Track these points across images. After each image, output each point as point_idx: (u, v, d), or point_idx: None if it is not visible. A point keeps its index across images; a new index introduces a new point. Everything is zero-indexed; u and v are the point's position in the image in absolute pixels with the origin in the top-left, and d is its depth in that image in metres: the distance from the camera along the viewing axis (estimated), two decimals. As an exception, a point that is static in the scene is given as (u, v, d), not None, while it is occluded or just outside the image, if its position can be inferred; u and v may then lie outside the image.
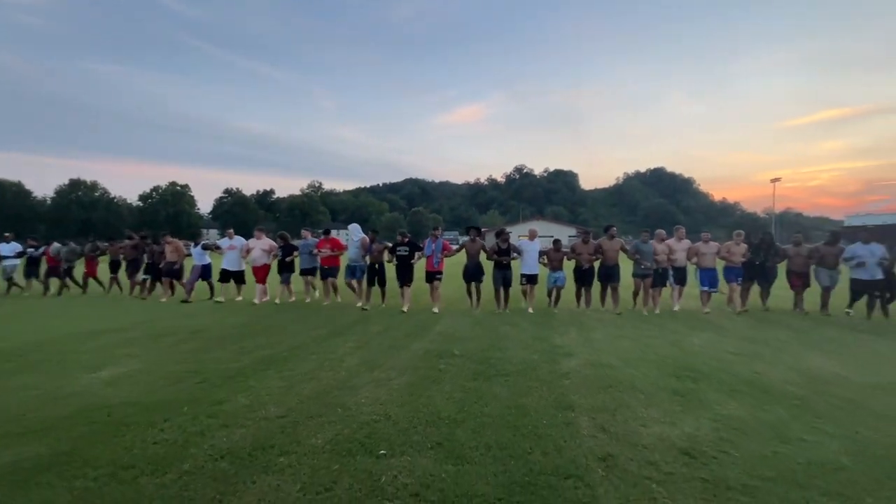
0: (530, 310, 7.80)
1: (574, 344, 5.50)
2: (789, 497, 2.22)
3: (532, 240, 8.15)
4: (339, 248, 8.83)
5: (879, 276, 7.37)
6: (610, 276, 7.99)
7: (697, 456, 2.64)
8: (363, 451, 2.69)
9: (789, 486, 2.31)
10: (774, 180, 61.52)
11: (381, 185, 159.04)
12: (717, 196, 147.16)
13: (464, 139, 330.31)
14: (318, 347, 5.25)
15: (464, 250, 8.13)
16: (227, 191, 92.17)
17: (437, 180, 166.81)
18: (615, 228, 8.24)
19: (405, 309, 7.81)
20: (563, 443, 2.80)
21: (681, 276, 8.18)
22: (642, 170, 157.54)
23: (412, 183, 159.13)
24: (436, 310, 7.75)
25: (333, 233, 9.85)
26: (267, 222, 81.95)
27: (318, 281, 9.26)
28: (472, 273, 8.00)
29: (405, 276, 8.17)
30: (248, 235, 9.80)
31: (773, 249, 8.25)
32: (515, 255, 8.03)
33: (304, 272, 9.16)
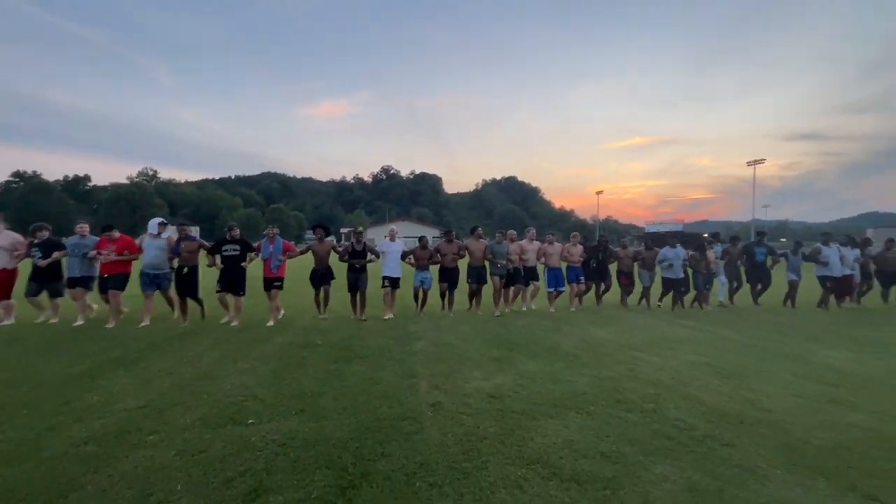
0: (389, 315, 7.29)
1: (424, 330, 6.42)
2: (549, 412, 3.35)
3: (393, 240, 7.64)
4: (130, 249, 6.66)
5: (682, 274, 8.65)
6: (478, 276, 8.00)
7: (499, 396, 3.68)
8: (233, 422, 3.08)
9: (551, 407, 3.46)
10: (598, 192, 75.40)
11: (233, 177, 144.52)
12: (557, 204, 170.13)
13: (329, 134, 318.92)
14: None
15: (310, 252, 7.30)
16: (17, 174, 73.69)
17: (298, 176, 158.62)
18: (480, 229, 8.30)
19: (235, 322, 6.57)
20: (405, 399, 3.59)
21: (532, 276, 8.42)
22: (498, 177, 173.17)
23: (270, 177, 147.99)
24: (271, 323, 6.65)
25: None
26: (84, 216, 67.75)
27: (95, 295, 6.97)
28: (321, 277, 7.15)
29: (235, 283, 6.64)
30: (56, 232, 7.41)
31: (607, 251, 9.00)
32: (373, 256, 7.37)
33: (72, 282, 6.69)
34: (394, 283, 7.45)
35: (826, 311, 8.82)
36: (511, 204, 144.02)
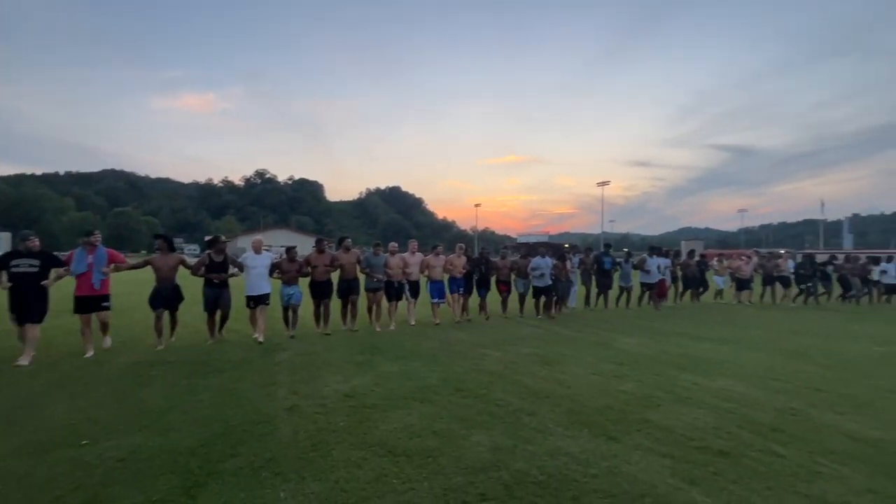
0: (259, 337, 6.35)
1: (290, 341, 6.47)
2: (397, 404, 3.82)
3: (258, 252, 6.67)
4: None
5: (550, 282, 9.26)
6: (350, 289, 7.41)
7: (354, 395, 4.04)
8: (63, 445, 2.93)
9: (400, 400, 3.94)
10: (477, 205, 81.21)
11: (62, 173, 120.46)
12: (440, 215, 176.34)
13: (192, 131, 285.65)
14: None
15: (150, 266, 6.08)
16: None
17: (152, 175, 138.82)
18: (349, 240, 7.72)
19: (25, 362, 4.99)
20: (261, 405, 3.75)
21: (415, 290, 8.16)
22: (382, 187, 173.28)
23: (114, 175, 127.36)
24: (89, 354, 5.40)
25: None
26: None
27: None
28: (164, 298, 6.02)
29: (33, 308, 5.18)
30: None
31: (489, 263, 9.23)
32: (236, 270, 6.53)
33: None
34: (258, 300, 6.53)
35: (641, 309, 10.76)
36: (395, 213, 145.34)
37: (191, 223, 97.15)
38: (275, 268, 6.89)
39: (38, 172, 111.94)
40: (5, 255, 5.34)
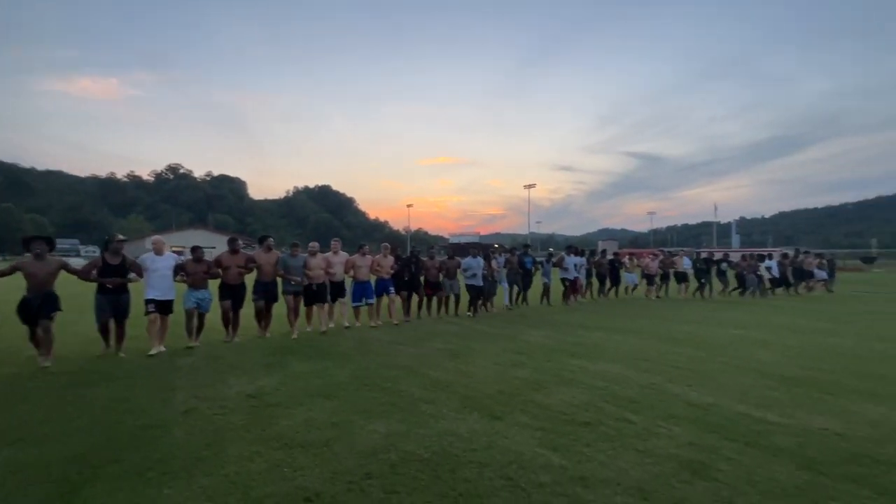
0: (159, 349, 5.79)
1: (194, 344, 6.22)
2: (301, 402, 3.91)
3: (160, 253, 6.08)
4: None
5: (481, 282, 9.53)
6: (266, 293, 6.92)
7: (258, 395, 4.07)
8: (-89, 466, 2.68)
9: (305, 397, 4.03)
10: (409, 206, 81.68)
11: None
12: (372, 215, 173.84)
13: (90, 120, 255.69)
14: None
15: (19, 273, 5.27)
16: None
17: (40, 167, 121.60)
18: (271, 239, 7.22)
19: None
20: (154, 410, 3.66)
21: (339, 291, 7.71)
22: (311, 185, 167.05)
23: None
24: None
25: None
26: None
27: None
28: (37, 308, 5.19)
29: None
30: None
31: (419, 263, 9.06)
32: (133, 275, 5.85)
33: None
34: (162, 307, 5.96)
35: (566, 305, 11.28)
36: (325, 213, 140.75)
37: (89, 222, 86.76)
38: (179, 270, 6.27)
39: None
40: None
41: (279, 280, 7.18)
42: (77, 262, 7.32)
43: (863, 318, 9.52)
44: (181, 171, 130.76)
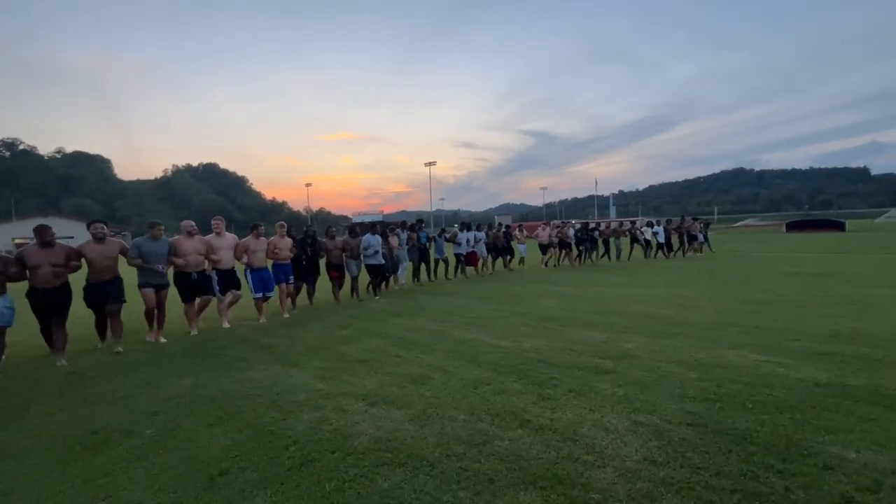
0: None
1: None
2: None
3: None
4: None
5: (381, 260, 8.94)
6: (101, 295, 5.36)
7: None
8: None
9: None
10: (308, 185, 78.03)
11: None
12: (268, 195, 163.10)
13: None
14: None
15: None
16: None
17: None
18: (100, 225, 5.31)
19: None
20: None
21: (231, 281, 6.52)
22: (194, 163, 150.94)
23: None
24: None
25: None
26: None
27: None
28: None
29: None
30: None
31: (316, 244, 8.32)
32: None
33: None
34: None
35: (460, 279, 11.44)
36: (213, 194, 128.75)
37: None
38: None
39: None
40: None
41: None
42: None
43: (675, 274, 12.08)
44: (21, 147, 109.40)
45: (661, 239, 15.73)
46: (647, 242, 15.77)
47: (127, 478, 2.45)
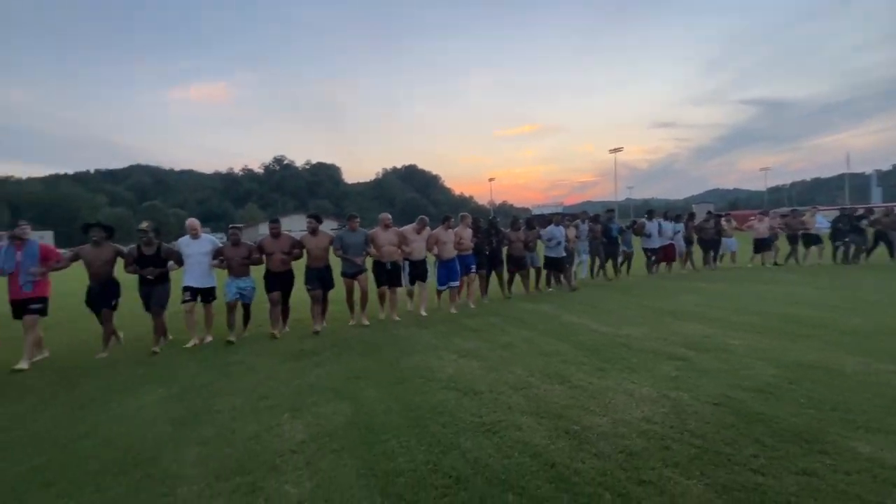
0: (195, 341, 5.47)
1: (233, 339, 6.54)
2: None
3: (197, 237, 5.67)
4: None
5: (563, 253, 8.57)
6: (320, 279, 6.10)
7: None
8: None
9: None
10: (491, 180, 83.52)
11: (92, 171, 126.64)
12: (457, 191, 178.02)
13: (208, 122, 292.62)
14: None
15: (81, 261, 5.27)
16: None
17: (177, 168, 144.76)
18: (313, 219, 6.21)
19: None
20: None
21: (420, 272, 6.84)
22: (399, 166, 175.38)
23: (141, 170, 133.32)
24: (24, 365, 4.72)
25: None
26: None
27: None
28: (98, 297, 5.28)
29: None
30: None
31: (500, 234, 8.14)
32: (172, 263, 5.60)
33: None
34: (200, 295, 5.64)
35: (652, 274, 10.27)
36: (413, 192, 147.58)
37: (215, 213, 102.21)
38: (218, 254, 5.78)
39: (71, 171, 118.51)
40: None
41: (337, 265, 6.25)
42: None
43: None
44: (285, 161, 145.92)
45: None
46: None
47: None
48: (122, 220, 73.48)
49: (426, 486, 2.20)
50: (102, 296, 5.27)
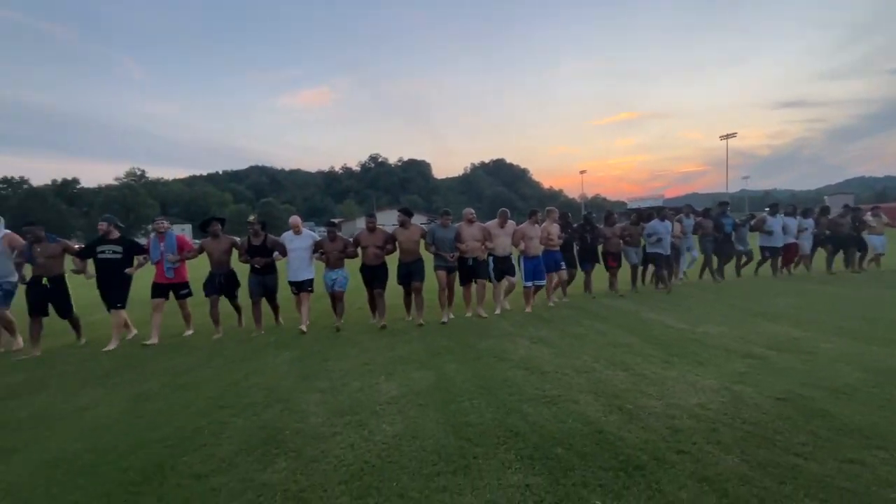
0: (303, 326, 5.89)
1: (338, 324, 7.91)
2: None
3: (298, 233, 6.17)
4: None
5: (668, 250, 8.01)
6: (409, 274, 6.23)
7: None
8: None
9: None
10: (582, 172, 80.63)
11: (220, 172, 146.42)
12: (546, 184, 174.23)
13: (313, 124, 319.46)
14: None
15: (204, 253, 6.02)
16: (5, 180, 74.73)
17: (287, 168, 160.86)
18: (404, 213, 6.36)
19: (112, 347, 5.42)
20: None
21: (506, 267, 6.66)
22: (486, 160, 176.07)
23: (258, 171, 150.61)
24: (189, 331, 6.05)
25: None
26: (76, 219, 70.09)
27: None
28: (218, 284, 5.96)
29: (115, 294, 5.58)
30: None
31: (595, 231, 7.90)
32: (277, 254, 6.10)
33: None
34: (301, 286, 6.17)
35: (778, 276, 9.21)
36: (500, 186, 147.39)
37: (318, 208, 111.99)
38: (317, 248, 6.26)
39: (204, 173, 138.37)
40: (91, 242, 5.76)
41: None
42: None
43: None
44: (380, 159, 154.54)
45: None
46: None
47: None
48: (242, 215, 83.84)
49: (490, 436, 2.72)
50: (223, 284, 6.00)
